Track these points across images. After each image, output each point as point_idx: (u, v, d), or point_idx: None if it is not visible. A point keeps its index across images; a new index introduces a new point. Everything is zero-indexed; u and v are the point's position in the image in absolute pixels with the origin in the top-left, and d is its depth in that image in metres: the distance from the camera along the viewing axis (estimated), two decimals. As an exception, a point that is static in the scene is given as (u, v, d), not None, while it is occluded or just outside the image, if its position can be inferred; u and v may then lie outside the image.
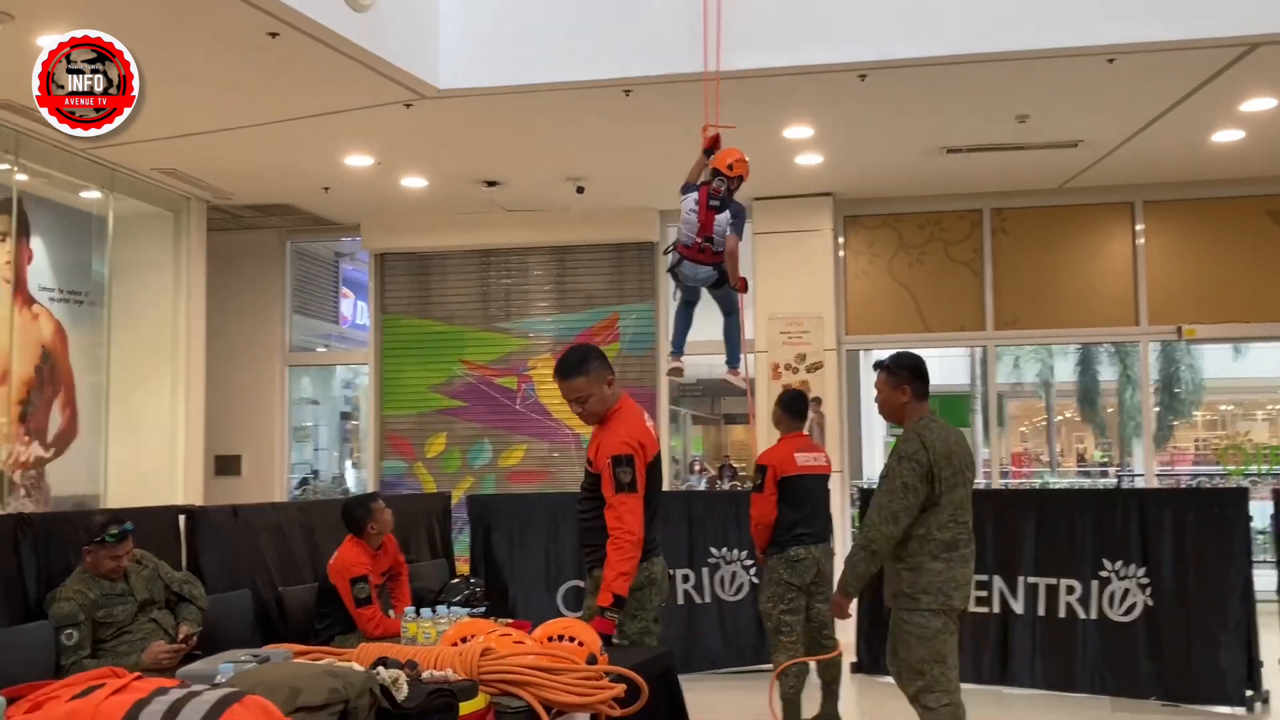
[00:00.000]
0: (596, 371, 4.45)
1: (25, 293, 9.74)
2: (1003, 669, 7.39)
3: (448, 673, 3.19)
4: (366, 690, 2.47)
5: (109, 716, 2.11)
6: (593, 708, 3.26)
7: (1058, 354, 29.03)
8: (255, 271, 12.45)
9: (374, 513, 6.26)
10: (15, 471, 9.48)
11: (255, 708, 2.19)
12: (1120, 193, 11.01)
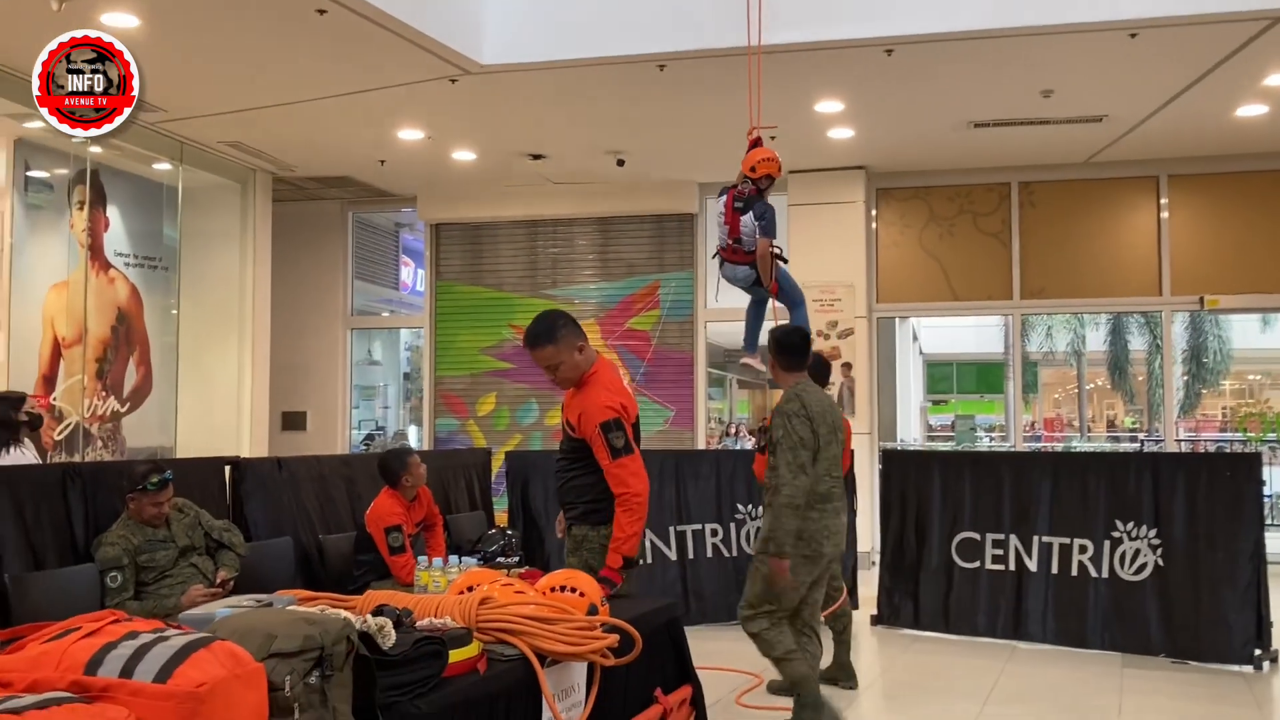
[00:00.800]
0: (565, 339, 4.20)
1: (102, 258, 9.78)
2: (1016, 624, 7.19)
3: (446, 620, 3.09)
4: (343, 638, 2.36)
5: (75, 659, 2.03)
6: (584, 657, 3.14)
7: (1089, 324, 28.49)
8: (319, 240, 12.44)
9: (409, 466, 6.19)
10: (93, 424, 9.56)
11: (222, 653, 2.09)
12: (1145, 167, 10.64)
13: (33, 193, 9.21)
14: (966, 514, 7.45)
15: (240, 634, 2.26)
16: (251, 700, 2.10)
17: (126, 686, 1.96)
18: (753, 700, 5.76)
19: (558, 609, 3.25)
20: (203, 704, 1.96)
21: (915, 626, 7.53)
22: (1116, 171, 10.68)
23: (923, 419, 25.20)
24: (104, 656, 2.03)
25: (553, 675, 3.14)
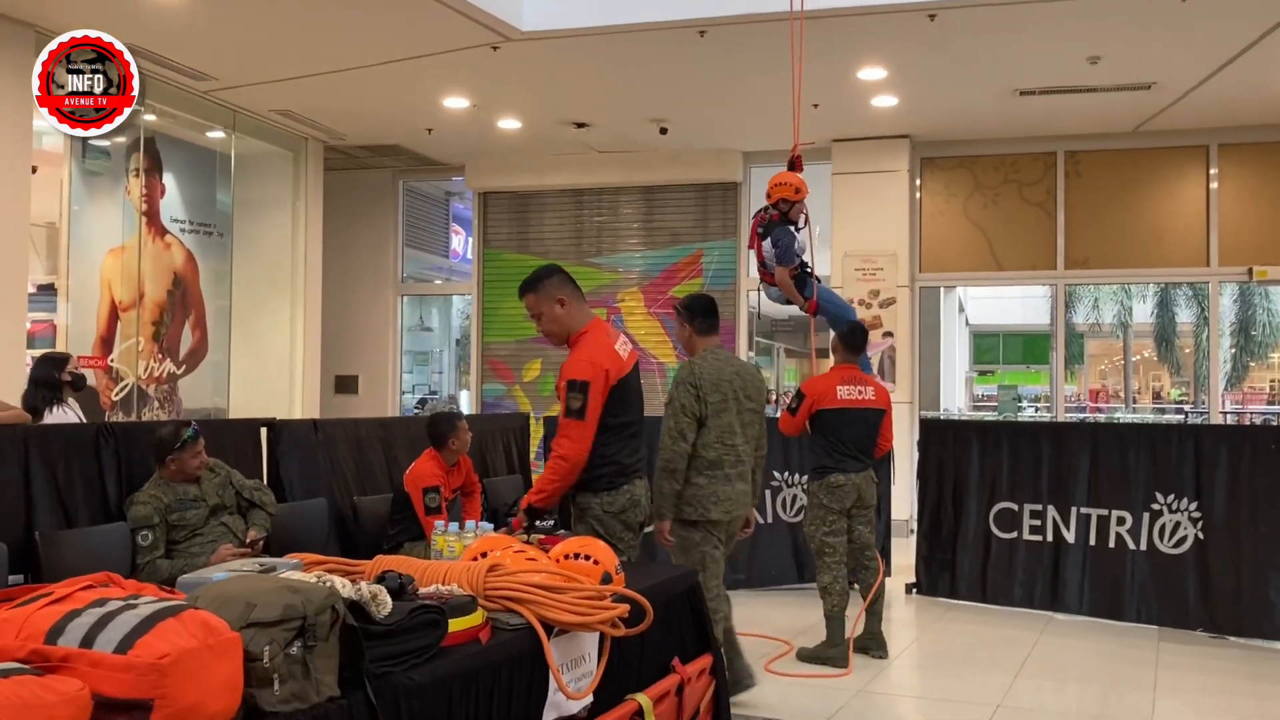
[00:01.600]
0: (545, 289, 4.13)
1: (159, 224, 9.75)
2: (1053, 595, 6.93)
3: (453, 588, 2.94)
4: (328, 607, 2.21)
5: (37, 627, 1.89)
6: (593, 627, 2.97)
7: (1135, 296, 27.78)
8: (370, 208, 12.35)
9: (457, 430, 6.07)
10: (150, 385, 9.57)
11: (192, 623, 1.94)
12: (1195, 136, 10.19)
13: (90, 160, 9.18)
14: (1004, 484, 7.19)
15: (219, 603, 2.12)
16: (223, 672, 1.95)
17: (86, 657, 1.82)
18: (782, 667, 5.59)
19: (568, 578, 3.08)
20: (165, 676, 1.81)
21: (952, 596, 7.30)
22: (1165, 141, 10.24)
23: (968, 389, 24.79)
24: (66, 625, 1.89)
25: (561, 645, 2.98)
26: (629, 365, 4.22)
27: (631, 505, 4.17)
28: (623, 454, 4.16)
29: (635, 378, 4.29)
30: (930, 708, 5.23)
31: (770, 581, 7.66)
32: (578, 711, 3.03)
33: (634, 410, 4.25)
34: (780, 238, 6.75)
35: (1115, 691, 5.30)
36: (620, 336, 4.32)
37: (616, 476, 4.13)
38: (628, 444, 4.19)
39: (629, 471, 4.18)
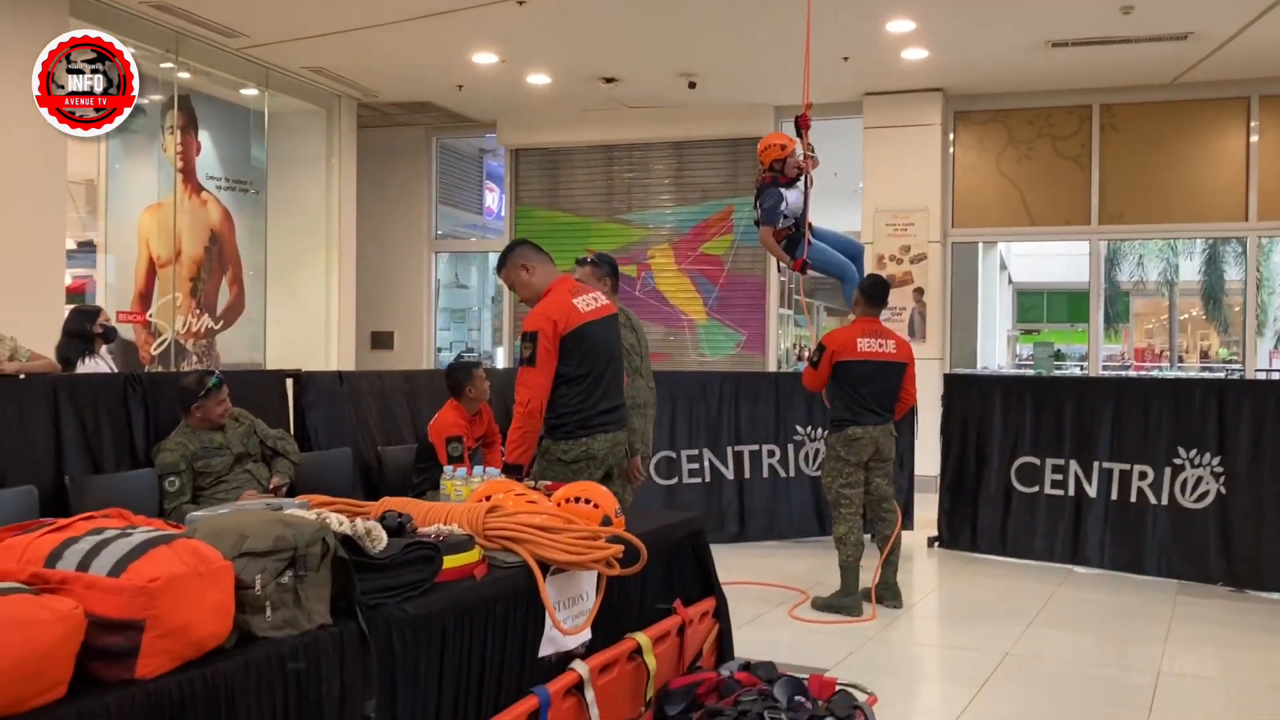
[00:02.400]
0: (511, 261, 4.39)
1: (195, 181, 9.91)
2: (1073, 549, 6.94)
3: (453, 528, 3.04)
4: (318, 540, 2.31)
5: (38, 552, 2.00)
6: (586, 566, 3.05)
7: (1183, 252, 27.33)
8: (403, 165, 12.44)
9: (474, 378, 6.17)
10: (188, 340, 9.77)
11: (184, 551, 2.05)
12: (1235, 87, 9.99)
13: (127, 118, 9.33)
14: (1027, 439, 7.19)
15: (213, 534, 2.22)
16: (214, 597, 2.06)
17: (81, 580, 1.93)
18: (803, 614, 5.67)
19: (565, 519, 3.17)
20: (155, 599, 1.92)
21: (972, 549, 7.33)
22: (1204, 93, 10.06)
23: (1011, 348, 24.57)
24: (64, 550, 2.00)
25: (558, 583, 3.07)
26: (591, 317, 4.29)
27: (585, 458, 4.25)
28: (585, 405, 4.25)
29: (604, 330, 4.37)
30: (939, 654, 5.29)
31: (794, 533, 7.73)
32: (575, 647, 3.13)
33: (597, 361, 4.31)
34: (765, 199, 6.85)
35: (1126, 642, 5.33)
36: (589, 293, 4.40)
37: (576, 428, 4.25)
38: (590, 395, 4.27)
39: (589, 424, 4.26)
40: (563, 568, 3.05)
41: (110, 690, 1.88)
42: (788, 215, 6.90)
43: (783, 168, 6.88)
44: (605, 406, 4.36)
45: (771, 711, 3.38)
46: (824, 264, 6.99)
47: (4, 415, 4.32)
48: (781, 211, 6.85)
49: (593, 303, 4.37)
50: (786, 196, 6.83)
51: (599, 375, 4.31)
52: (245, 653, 2.12)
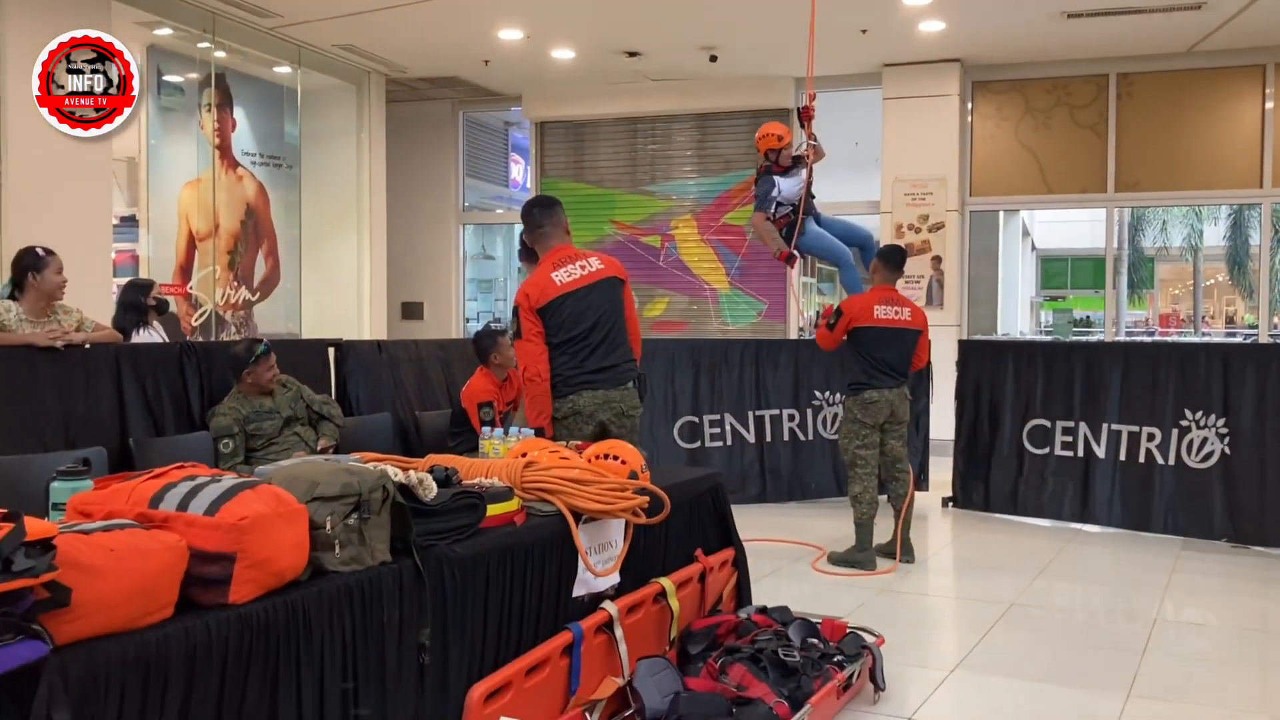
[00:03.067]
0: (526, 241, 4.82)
1: (231, 157, 10.22)
2: (1082, 508, 7.19)
3: (494, 481, 3.34)
4: (379, 486, 2.61)
5: (142, 495, 2.31)
6: (614, 514, 3.35)
7: (1207, 218, 27.25)
8: (431, 139, 12.71)
9: (498, 345, 6.45)
10: (227, 311, 10.12)
11: (266, 494, 2.35)
12: (1250, 55, 10.11)
13: (165, 96, 9.65)
14: (1038, 402, 7.43)
15: (288, 481, 2.52)
16: (292, 535, 2.36)
17: (182, 518, 2.24)
18: (821, 568, 5.97)
19: (595, 473, 3.47)
20: (244, 534, 2.23)
21: (985, 509, 7.60)
22: (1220, 61, 10.18)
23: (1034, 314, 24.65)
24: (165, 494, 2.30)
25: (589, 531, 3.37)
26: (569, 288, 4.50)
27: (572, 414, 4.49)
28: (567, 368, 4.50)
29: (589, 297, 4.54)
30: (946, 604, 5.58)
31: (811, 494, 8.01)
32: (605, 589, 3.43)
33: (580, 326, 4.51)
34: (759, 186, 7.30)
35: (1126, 592, 5.60)
36: (576, 261, 4.59)
37: (561, 386, 4.51)
38: (576, 357, 4.50)
39: (574, 383, 4.49)
40: (593, 516, 3.35)
41: (208, 612, 2.19)
42: (783, 203, 7.23)
43: (778, 157, 7.25)
44: (594, 366, 4.53)
45: (785, 650, 3.67)
46: (819, 250, 7.31)
47: (73, 382, 4.65)
48: (774, 198, 7.23)
49: (577, 271, 4.56)
50: (780, 184, 7.21)
51: (584, 338, 4.50)
52: (318, 584, 2.43)
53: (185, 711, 2.10)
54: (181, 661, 2.09)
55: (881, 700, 3.87)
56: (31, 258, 4.95)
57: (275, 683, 2.29)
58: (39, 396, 4.52)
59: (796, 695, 3.45)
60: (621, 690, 3.33)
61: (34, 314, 4.92)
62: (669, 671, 3.45)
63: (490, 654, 2.94)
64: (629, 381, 4.64)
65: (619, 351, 4.65)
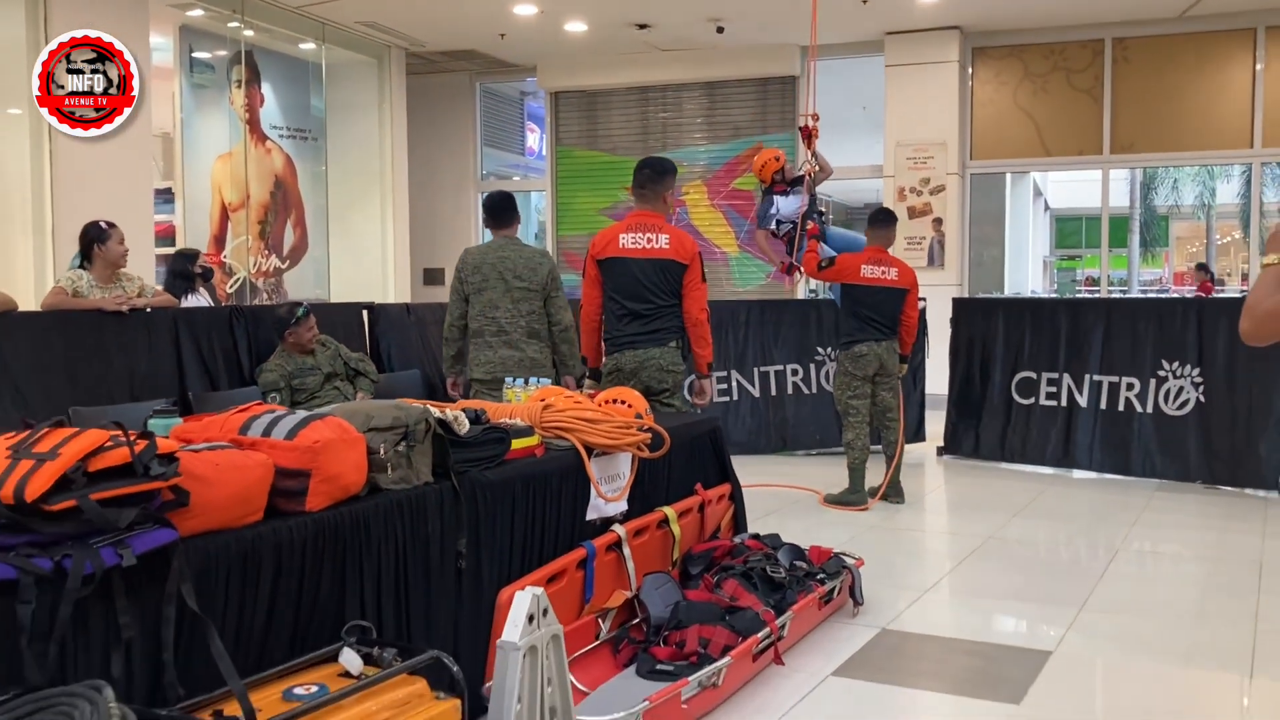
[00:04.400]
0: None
1: (259, 130, 10.74)
2: (1066, 454, 7.68)
3: (516, 421, 3.86)
4: (423, 420, 3.13)
5: (232, 425, 2.84)
6: (621, 449, 3.88)
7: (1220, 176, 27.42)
8: (450, 110, 13.17)
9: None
10: (259, 279, 10.67)
11: (333, 423, 2.87)
12: (1242, 19, 10.47)
13: (197, 73, 10.16)
14: (1025, 355, 7.91)
15: (347, 414, 3.05)
16: (353, 457, 2.89)
17: (267, 442, 2.76)
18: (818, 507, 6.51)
19: (605, 414, 3.99)
20: (318, 455, 2.75)
21: (975, 457, 8.10)
22: (1212, 25, 10.54)
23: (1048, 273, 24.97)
24: (251, 423, 2.83)
25: (600, 463, 3.90)
26: (634, 254, 4.98)
27: (615, 370, 5.04)
28: (613, 328, 5.08)
29: (648, 271, 4.97)
30: (928, 538, 6.10)
31: (816, 445, 8.52)
32: (614, 514, 3.96)
33: (630, 293, 4.99)
34: (759, 208, 8.17)
35: (1096, 527, 6.10)
36: (648, 232, 5.02)
37: (608, 345, 5.09)
38: (619, 321, 5.03)
39: (619, 342, 5.04)
40: (603, 450, 3.87)
41: (290, 517, 2.72)
42: (783, 220, 7.86)
43: (782, 176, 8.01)
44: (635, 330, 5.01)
45: (773, 568, 4.20)
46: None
47: (137, 343, 5.21)
48: (773, 215, 7.89)
49: (643, 241, 5.00)
50: (779, 203, 7.89)
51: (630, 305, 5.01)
52: (375, 498, 2.96)
53: (274, 594, 2.64)
54: (270, 554, 2.63)
55: (860, 614, 4.40)
56: (96, 230, 5.47)
57: (343, 576, 2.82)
58: (109, 355, 5.08)
59: (782, 605, 3.98)
60: (629, 601, 3.87)
61: (102, 281, 5.46)
62: (671, 585, 3.99)
63: (516, 564, 3.47)
64: (671, 341, 5.07)
65: (661, 319, 5.05)
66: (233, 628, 2.53)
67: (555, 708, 2.43)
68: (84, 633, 2.20)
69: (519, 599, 2.31)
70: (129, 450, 2.27)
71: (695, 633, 3.65)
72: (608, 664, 3.68)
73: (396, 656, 2.54)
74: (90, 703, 1.87)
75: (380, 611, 2.93)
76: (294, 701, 2.30)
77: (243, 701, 2.19)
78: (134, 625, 2.27)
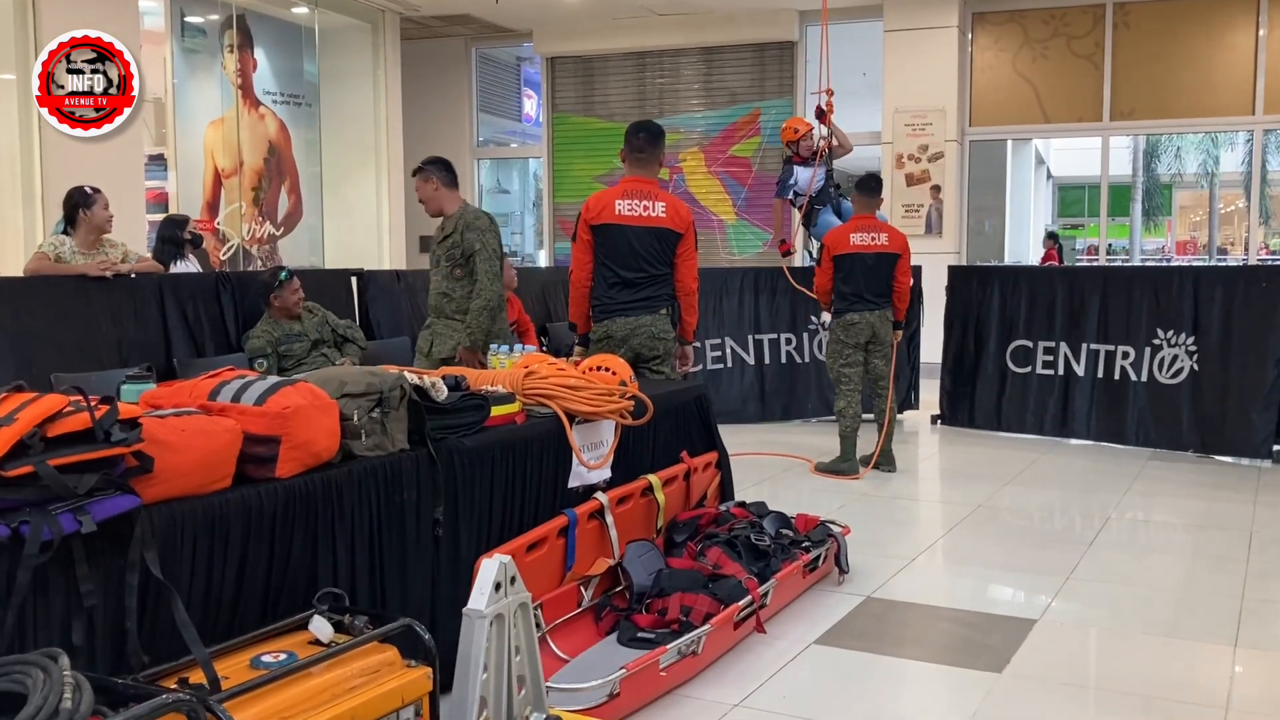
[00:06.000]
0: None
1: (252, 96, 10.64)
2: (1062, 423, 7.64)
3: (497, 388, 3.82)
4: (398, 386, 3.09)
5: (201, 390, 2.80)
6: (602, 416, 3.83)
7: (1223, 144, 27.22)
8: (445, 75, 13.06)
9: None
10: (253, 245, 10.61)
11: (304, 390, 2.83)
12: (1246, -16, 10.35)
13: (189, 38, 10.05)
14: (1021, 324, 7.85)
15: (320, 381, 3.01)
16: (326, 424, 2.85)
17: (236, 408, 2.72)
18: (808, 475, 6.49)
19: (587, 381, 3.95)
20: (288, 421, 2.71)
21: (970, 426, 8.06)
22: (1216, -11, 10.42)
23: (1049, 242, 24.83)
24: (220, 389, 2.79)
25: (582, 430, 3.86)
26: (629, 222, 4.88)
27: (605, 337, 4.94)
28: (603, 294, 4.95)
29: (637, 236, 4.89)
30: (918, 506, 6.08)
31: (808, 414, 8.49)
32: (597, 482, 3.93)
33: (622, 261, 4.90)
34: (781, 174, 8.39)
35: (1087, 495, 6.06)
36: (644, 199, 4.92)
37: (598, 311, 4.98)
38: (610, 287, 4.93)
39: (610, 309, 4.93)
40: (586, 418, 3.84)
41: (259, 484, 2.68)
42: (799, 192, 7.94)
43: (797, 148, 8.13)
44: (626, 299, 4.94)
45: (757, 536, 4.18)
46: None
47: (122, 309, 5.17)
48: (790, 185, 7.94)
49: (639, 209, 4.90)
50: (798, 174, 8.01)
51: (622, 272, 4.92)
52: (349, 465, 2.92)
53: (243, 562, 2.61)
54: (239, 522, 2.59)
55: (845, 582, 4.38)
56: (81, 195, 5.42)
57: (315, 543, 2.79)
58: (94, 321, 5.04)
59: (765, 573, 3.95)
60: (612, 569, 3.84)
61: (85, 247, 5.41)
62: (654, 553, 3.96)
63: (496, 532, 3.44)
64: (662, 309, 5.01)
65: (653, 287, 4.99)
66: (201, 595, 2.50)
67: (524, 676, 2.40)
68: (44, 600, 2.17)
69: (486, 566, 2.28)
70: (89, 415, 2.23)
71: (677, 600, 3.62)
72: (589, 632, 3.66)
73: (368, 624, 2.51)
74: (44, 671, 1.84)
75: (354, 580, 2.90)
76: (261, 669, 2.27)
77: (206, 669, 2.16)
78: (96, 593, 2.24)
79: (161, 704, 1.88)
